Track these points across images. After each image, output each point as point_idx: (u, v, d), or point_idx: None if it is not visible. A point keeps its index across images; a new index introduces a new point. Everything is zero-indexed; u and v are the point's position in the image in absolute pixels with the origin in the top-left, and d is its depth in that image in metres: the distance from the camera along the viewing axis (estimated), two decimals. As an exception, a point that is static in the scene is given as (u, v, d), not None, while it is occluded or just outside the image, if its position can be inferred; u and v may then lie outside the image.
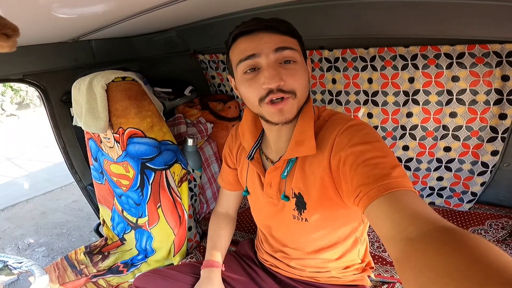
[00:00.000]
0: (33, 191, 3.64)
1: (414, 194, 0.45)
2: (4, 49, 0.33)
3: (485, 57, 1.00)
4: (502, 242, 1.07)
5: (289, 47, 0.57)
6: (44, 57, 1.20)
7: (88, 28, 1.06)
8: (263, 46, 0.56)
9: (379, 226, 0.44)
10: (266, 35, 0.56)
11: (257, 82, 0.57)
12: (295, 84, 0.57)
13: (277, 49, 0.56)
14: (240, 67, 0.59)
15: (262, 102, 0.58)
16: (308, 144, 0.61)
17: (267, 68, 0.56)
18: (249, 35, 0.57)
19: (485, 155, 1.16)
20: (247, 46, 0.57)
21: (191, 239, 1.25)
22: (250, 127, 0.72)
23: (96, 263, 1.26)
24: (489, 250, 0.28)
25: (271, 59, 0.56)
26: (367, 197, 0.47)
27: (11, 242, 2.61)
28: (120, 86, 1.03)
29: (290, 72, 0.57)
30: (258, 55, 0.56)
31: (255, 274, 0.88)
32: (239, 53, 0.58)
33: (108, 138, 1.12)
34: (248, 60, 0.57)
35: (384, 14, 0.96)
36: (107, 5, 0.78)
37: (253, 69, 0.58)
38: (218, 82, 1.77)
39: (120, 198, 1.25)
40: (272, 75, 0.55)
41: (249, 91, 0.59)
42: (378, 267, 1.03)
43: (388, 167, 0.49)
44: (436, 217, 0.38)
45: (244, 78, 0.59)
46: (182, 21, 1.29)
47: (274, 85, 0.55)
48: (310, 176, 0.63)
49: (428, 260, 0.31)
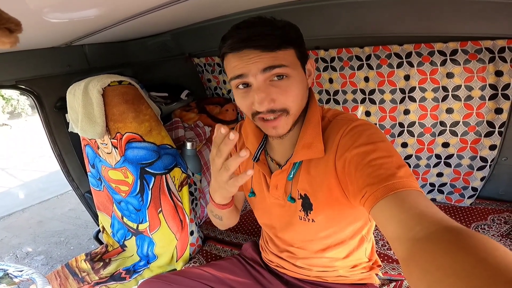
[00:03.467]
0: (29, 201, 3.59)
1: (420, 194, 0.45)
2: (5, 45, 0.31)
3: (477, 53, 1.02)
4: (506, 236, 1.07)
5: (278, 65, 0.54)
6: (36, 62, 1.19)
7: (81, 33, 1.05)
8: (251, 67, 0.54)
9: (385, 226, 0.43)
10: (254, 53, 0.53)
11: (248, 99, 0.57)
12: (287, 102, 0.56)
13: (265, 69, 0.54)
14: (232, 82, 0.59)
15: (254, 118, 0.59)
16: (317, 147, 0.61)
17: (256, 90, 0.55)
18: (237, 53, 0.55)
19: (484, 150, 1.17)
20: (236, 65, 0.55)
21: (193, 244, 1.24)
22: (254, 129, 0.72)
23: (98, 270, 1.24)
24: (495, 250, 0.28)
25: (259, 79, 0.54)
26: (373, 198, 0.46)
27: (9, 251, 2.58)
28: (117, 90, 1.02)
29: (281, 90, 0.55)
30: (246, 76, 0.55)
31: (260, 277, 0.88)
32: (230, 70, 0.58)
33: (106, 143, 1.10)
34: (238, 79, 0.56)
35: (378, 13, 0.97)
36: (99, 9, 0.77)
37: (245, 84, 0.57)
38: (214, 85, 1.76)
39: (120, 204, 1.23)
40: (261, 99, 0.54)
41: (241, 105, 0.59)
42: (384, 265, 1.03)
43: (394, 167, 0.49)
44: (443, 216, 0.38)
45: (237, 92, 0.59)
46: (176, 24, 1.28)
47: (263, 108, 0.55)
48: (316, 178, 0.63)
49: (434, 260, 0.31)
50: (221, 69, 1.62)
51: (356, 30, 1.07)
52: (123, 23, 0.96)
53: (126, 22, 0.95)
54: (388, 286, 0.96)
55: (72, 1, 0.65)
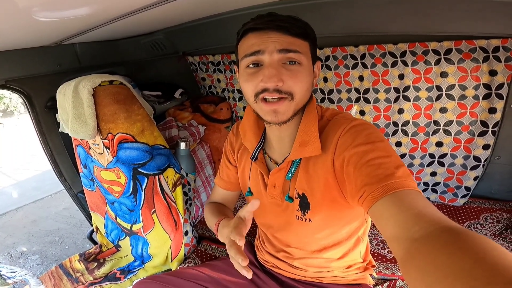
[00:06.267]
0: (23, 200, 3.55)
1: (419, 194, 0.45)
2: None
3: (471, 53, 1.02)
4: (499, 236, 1.08)
5: (294, 50, 0.56)
6: (26, 62, 1.17)
7: (72, 31, 1.03)
8: (268, 44, 0.55)
9: (383, 226, 0.44)
10: (275, 34, 0.56)
11: (257, 77, 0.57)
12: (295, 87, 0.57)
13: (281, 50, 0.55)
14: (244, 61, 0.59)
15: (257, 98, 0.59)
16: (313, 145, 0.61)
17: (268, 66, 0.56)
18: (259, 32, 0.57)
19: (477, 149, 1.18)
20: (255, 43, 0.57)
21: (188, 244, 1.24)
22: (252, 126, 0.71)
23: (92, 270, 1.23)
24: (493, 250, 0.28)
25: (274, 58, 0.56)
26: (371, 197, 0.46)
27: (3, 251, 2.56)
28: (108, 90, 1.00)
29: (292, 73, 0.56)
30: (262, 52, 0.56)
31: (255, 277, 0.87)
32: (246, 48, 0.58)
33: (97, 144, 1.09)
34: (252, 56, 0.57)
35: (373, 12, 0.97)
36: (90, 8, 0.75)
37: (256, 64, 0.58)
38: (208, 84, 1.75)
39: (113, 205, 1.22)
40: (271, 74, 0.55)
41: (247, 85, 0.59)
42: (378, 265, 1.04)
43: (392, 167, 0.49)
44: (441, 216, 0.38)
45: (246, 72, 0.59)
46: (169, 23, 1.26)
47: (271, 84, 0.55)
48: (314, 177, 0.63)
49: (433, 260, 0.31)
50: (215, 67, 1.60)
51: (351, 28, 1.06)
52: (114, 22, 0.94)
53: (118, 21, 0.93)
54: (382, 285, 0.97)
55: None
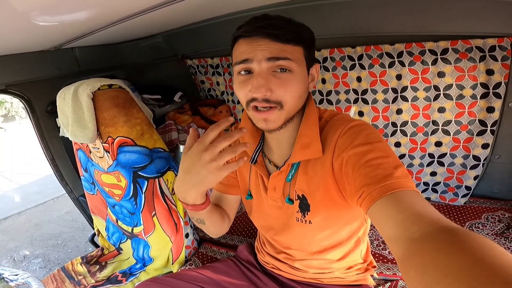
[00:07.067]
0: (25, 204, 3.56)
1: (417, 194, 0.45)
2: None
3: (468, 52, 1.02)
4: (500, 235, 1.08)
5: (284, 57, 0.54)
6: (26, 66, 1.17)
7: (71, 35, 1.03)
8: (257, 53, 0.55)
9: (382, 226, 0.44)
10: (264, 41, 0.55)
11: (247, 86, 0.57)
12: (285, 96, 0.56)
13: (270, 58, 0.54)
14: (236, 68, 0.59)
15: (248, 106, 0.59)
16: (315, 147, 0.61)
17: (257, 76, 0.55)
18: (248, 39, 0.56)
19: (476, 149, 1.18)
20: (244, 50, 0.56)
21: (189, 246, 1.24)
22: (251, 129, 0.71)
23: (94, 273, 1.24)
24: (492, 250, 0.28)
25: (263, 66, 0.55)
26: (370, 198, 0.47)
27: (6, 255, 2.56)
28: (107, 94, 1.01)
29: (281, 82, 0.55)
30: (251, 61, 0.55)
31: (256, 279, 0.87)
32: (237, 55, 0.58)
33: (97, 148, 1.09)
34: (242, 64, 0.57)
35: (369, 12, 0.97)
36: (89, 12, 0.76)
37: (248, 71, 0.58)
38: (208, 87, 1.75)
39: (114, 208, 1.22)
40: (259, 84, 0.54)
41: (239, 92, 0.59)
42: (379, 265, 1.03)
43: (391, 167, 0.49)
44: (440, 217, 0.39)
45: (238, 79, 0.59)
46: (168, 26, 1.27)
47: (259, 95, 0.55)
48: (314, 178, 0.63)
49: (431, 260, 0.31)
50: (214, 70, 1.61)
51: (348, 29, 1.06)
52: (113, 25, 0.95)
53: (117, 24, 0.94)
54: (383, 286, 0.96)
55: (60, 3, 0.64)
